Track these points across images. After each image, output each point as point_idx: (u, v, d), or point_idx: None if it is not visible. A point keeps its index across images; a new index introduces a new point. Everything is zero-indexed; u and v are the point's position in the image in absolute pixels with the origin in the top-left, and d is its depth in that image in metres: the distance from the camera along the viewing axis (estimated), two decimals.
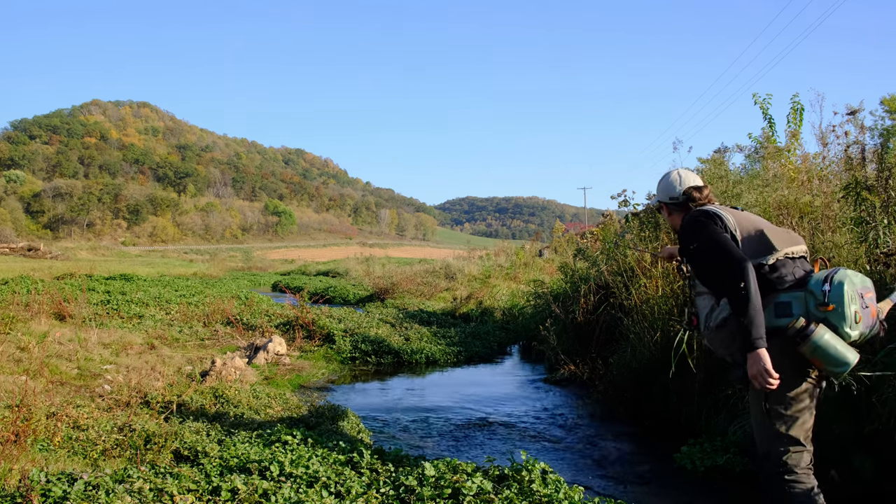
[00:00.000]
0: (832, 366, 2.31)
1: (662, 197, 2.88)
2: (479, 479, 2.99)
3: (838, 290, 2.31)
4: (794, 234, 2.64)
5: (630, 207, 6.69)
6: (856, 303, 2.32)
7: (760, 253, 2.48)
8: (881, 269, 3.74)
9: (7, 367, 5.56)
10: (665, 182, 2.86)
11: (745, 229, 2.54)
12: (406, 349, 8.42)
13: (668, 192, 2.84)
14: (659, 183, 2.90)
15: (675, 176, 2.83)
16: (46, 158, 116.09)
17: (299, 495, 2.88)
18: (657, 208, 3.00)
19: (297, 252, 71.42)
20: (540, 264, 16.20)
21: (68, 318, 8.58)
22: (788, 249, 2.50)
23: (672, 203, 2.84)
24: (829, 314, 2.32)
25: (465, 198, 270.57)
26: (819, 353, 2.29)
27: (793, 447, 2.42)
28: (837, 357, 2.28)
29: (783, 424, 2.42)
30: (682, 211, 2.82)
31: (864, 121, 4.91)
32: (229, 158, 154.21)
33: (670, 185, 2.83)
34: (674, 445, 4.35)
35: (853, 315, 2.30)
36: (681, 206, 2.81)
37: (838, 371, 2.34)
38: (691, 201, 2.77)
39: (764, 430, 2.48)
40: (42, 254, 33.85)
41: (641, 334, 5.46)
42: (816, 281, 2.39)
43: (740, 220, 2.58)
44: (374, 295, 16.47)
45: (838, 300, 2.30)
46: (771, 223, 2.70)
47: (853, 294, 2.32)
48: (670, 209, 2.88)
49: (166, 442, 3.86)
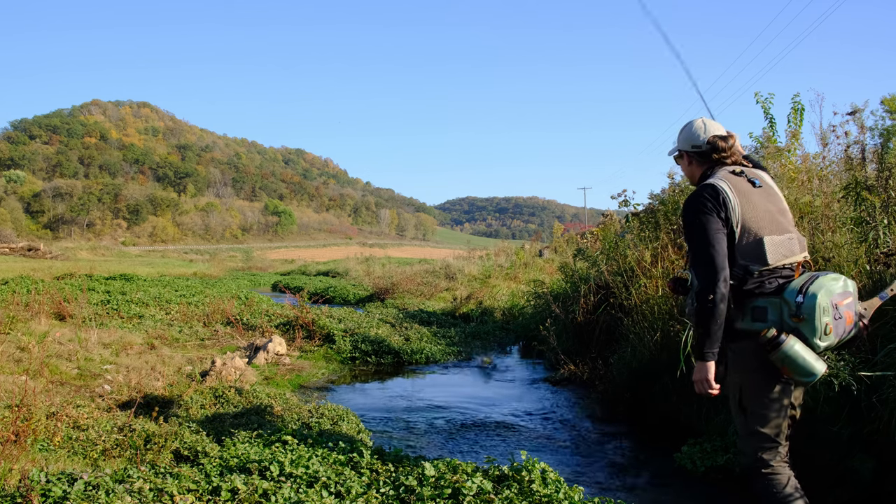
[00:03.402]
0: (799, 375, 2.34)
1: (684, 145, 2.70)
2: (479, 479, 2.99)
3: (811, 301, 2.30)
4: (798, 241, 2.53)
5: (630, 207, 6.69)
6: (828, 314, 2.31)
7: (753, 259, 2.43)
8: (881, 269, 3.74)
9: (7, 367, 5.56)
10: (688, 130, 2.69)
11: (748, 226, 2.44)
12: (406, 349, 8.42)
13: (692, 139, 2.67)
14: (681, 131, 2.74)
15: (700, 124, 2.67)
16: (46, 158, 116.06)
17: (299, 495, 2.88)
18: (677, 158, 2.81)
19: (297, 252, 71.42)
20: (540, 264, 16.20)
21: (68, 318, 8.58)
22: (784, 262, 2.45)
23: (694, 152, 2.67)
24: (801, 325, 2.33)
25: (465, 198, 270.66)
26: (788, 363, 2.31)
27: (767, 443, 2.47)
28: (805, 368, 2.31)
29: (757, 422, 2.47)
30: (703, 162, 2.66)
31: (864, 121, 4.90)
32: (229, 158, 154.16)
33: (694, 132, 2.66)
34: (674, 445, 4.35)
35: (823, 327, 2.30)
36: (704, 155, 2.65)
37: (805, 381, 2.37)
38: (715, 151, 2.61)
39: (740, 427, 2.56)
40: (42, 254, 33.83)
41: (641, 334, 5.46)
42: (791, 290, 2.37)
43: (747, 211, 2.45)
44: (374, 295, 16.47)
45: (809, 312, 2.30)
46: (782, 219, 2.53)
47: (826, 306, 2.30)
48: (691, 158, 2.71)
49: (166, 442, 3.86)
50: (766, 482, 2.47)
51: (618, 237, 7.19)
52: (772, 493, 2.45)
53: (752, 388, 2.47)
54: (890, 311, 3.35)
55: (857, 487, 3.24)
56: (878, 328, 3.37)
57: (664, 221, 5.91)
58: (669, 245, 5.63)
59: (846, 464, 3.30)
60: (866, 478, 3.20)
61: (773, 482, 2.46)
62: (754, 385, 2.46)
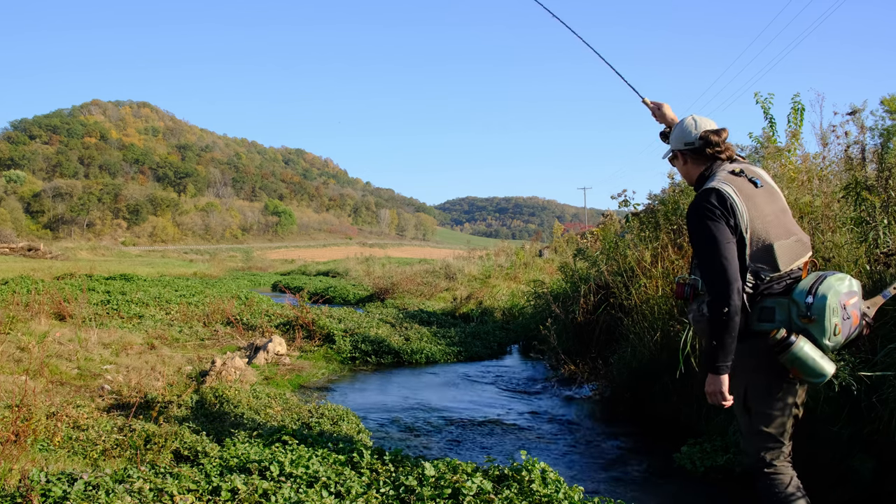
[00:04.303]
0: (809, 376, 2.34)
1: (677, 144, 2.68)
2: (479, 479, 2.99)
3: (821, 302, 2.29)
4: (803, 241, 2.51)
5: (630, 207, 6.69)
6: (837, 315, 2.30)
7: (764, 263, 2.42)
8: (881, 269, 3.74)
9: (7, 367, 5.57)
10: (679, 128, 2.67)
11: (756, 232, 2.41)
12: (406, 349, 8.42)
13: (683, 137, 2.63)
14: (672, 131, 2.72)
15: (690, 121, 2.64)
16: (46, 158, 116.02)
17: (299, 495, 2.88)
18: (671, 160, 2.77)
19: (297, 252, 71.41)
20: (540, 264, 16.21)
21: (68, 318, 8.59)
22: (794, 265, 2.45)
23: (688, 149, 2.63)
24: (810, 326, 2.32)
25: (465, 198, 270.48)
26: (798, 364, 2.31)
27: (770, 443, 2.46)
28: (815, 368, 2.31)
29: (762, 422, 2.46)
30: (698, 159, 2.63)
31: (864, 121, 4.90)
32: (229, 158, 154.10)
33: (685, 130, 2.63)
34: (674, 445, 4.35)
35: (833, 328, 2.30)
36: (698, 151, 2.61)
37: (815, 381, 2.36)
38: (709, 146, 2.57)
39: (744, 426, 2.55)
40: (42, 254, 33.83)
41: (641, 334, 5.46)
42: (801, 291, 2.35)
43: (755, 216, 2.41)
44: (374, 295, 16.47)
45: (820, 313, 2.29)
46: (786, 220, 2.51)
47: (836, 306, 2.30)
48: (685, 157, 2.67)
49: (166, 442, 3.86)
50: (768, 482, 2.47)
51: (618, 237, 7.19)
52: (774, 493, 2.45)
53: (757, 387, 2.45)
54: (890, 311, 3.35)
55: (857, 487, 3.24)
56: (878, 328, 3.37)
57: (664, 221, 5.91)
58: (669, 245, 5.62)
59: (846, 464, 3.30)
60: (866, 478, 3.20)
61: (776, 482, 2.45)
62: (759, 385, 2.45)
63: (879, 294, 2.57)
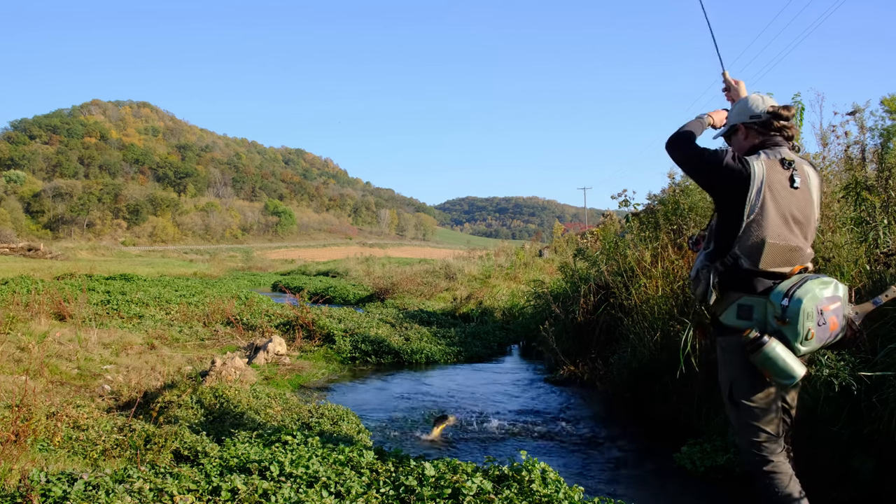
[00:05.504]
0: (778, 377, 2.36)
1: (741, 117, 2.66)
2: (479, 479, 2.99)
3: (795, 306, 2.30)
4: (802, 252, 2.47)
5: (630, 207, 6.69)
6: (812, 320, 2.30)
7: (747, 255, 2.43)
8: (881, 269, 3.74)
9: (7, 367, 5.56)
10: (743, 103, 2.68)
11: (757, 221, 2.41)
12: (406, 349, 8.42)
13: (749, 111, 2.64)
14: (734, 106, 2.74)
15: (756, 96, 2.66)
16: (46, 158, 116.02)
17: (299, 495, 2.88)
18: (727, 135, 2.75)
19: (297, 252, 71.41)
20: (540, 264, 16.22)
21: (68, 318, 8.59)
22: (776, 269, 2.43)
23: (753, 122, 2.62)
24: (784, 328, 2.33)
25: (465, 198, 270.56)
26: (768, 365, 2.33)
27: (763, 437, 2.49)
28: (785, 370, 2.33)
29: (749, 415, 2.50)
30: (761, 131, 2.61)
31: (864, 121, 4.90)
32: (229, 158, 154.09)
33: (752, 103, 2.64)
34: (674, 445, 4.35)
35: (805, 332, 2.31)
36: (763, 125, 2.60)
37: (785, 383, 2.39)
38: (777, 118, 2.57)
39: (733, 420, 2.59)
40: (42, 254, 33.82)
41: (641, 334, 5.46)
42: (778, 293, 2.37)
43: (767, 206, 2.41)
44: (374, 295, 16.47)
45: (793, 317, 2.30)
46: (797, 228, 2.48)
47: (811, 311, 2.30)
48: (748, 130, 2.64)
49: (166, 442, 3.86)
50: (767, 481, 2.49)
51: (618, 237, 7.19)
52: (773, 493, 2.47)
53: (741, 383, 2.50)
54: (890, 311, 3.35)
55: (857, 487, 3.24)
56: (878, 328, 3.37)
57: (664, 221, 5.92)
58: (669, 245, 5.62)
59: (846, 464, 3.30)
60: (866, 478, 3.20)
61: (775, 481, 2.47)
62: (743, 380, 2.49)
63: (870, 301, 2.55)
